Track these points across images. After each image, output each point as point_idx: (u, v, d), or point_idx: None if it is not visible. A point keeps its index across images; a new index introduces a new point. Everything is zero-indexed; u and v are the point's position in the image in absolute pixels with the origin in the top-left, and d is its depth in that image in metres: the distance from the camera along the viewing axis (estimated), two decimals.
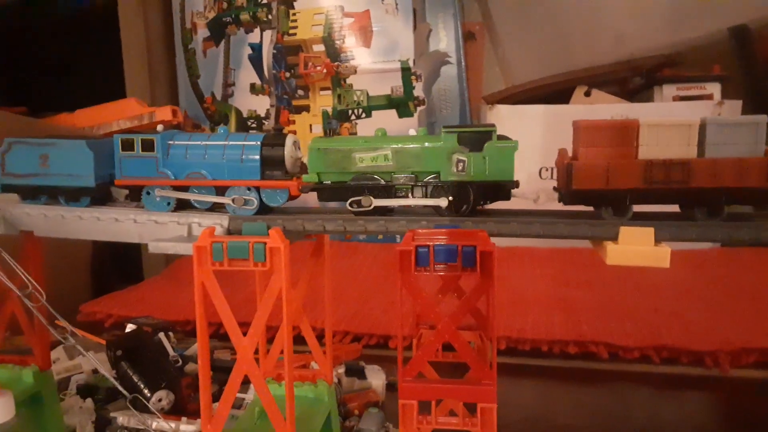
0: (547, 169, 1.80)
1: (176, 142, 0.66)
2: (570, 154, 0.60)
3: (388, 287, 1.52)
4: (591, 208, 0.59)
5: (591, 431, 0.91)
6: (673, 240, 0.51)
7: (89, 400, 0.86)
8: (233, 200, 0.62)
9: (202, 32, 1.98)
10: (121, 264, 1.89)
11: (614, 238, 0.52)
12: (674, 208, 0.58)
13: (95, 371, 1.03)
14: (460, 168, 0.59)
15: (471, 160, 0.59)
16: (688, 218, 0.56)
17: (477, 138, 0.59)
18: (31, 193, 0.69)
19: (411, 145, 0.60)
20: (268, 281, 0.56)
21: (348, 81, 1.89)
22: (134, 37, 2.00)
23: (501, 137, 0.60)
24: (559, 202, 0.60)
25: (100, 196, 0.69)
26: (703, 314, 1.27)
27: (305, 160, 0.65)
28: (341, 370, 1.00)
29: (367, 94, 1.89)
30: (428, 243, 0.50)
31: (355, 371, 1.01)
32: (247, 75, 1.96)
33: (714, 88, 1.87)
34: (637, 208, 0.57)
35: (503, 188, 0.59)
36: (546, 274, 1.57)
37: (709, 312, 1.28)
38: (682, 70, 1.94)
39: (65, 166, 0.67)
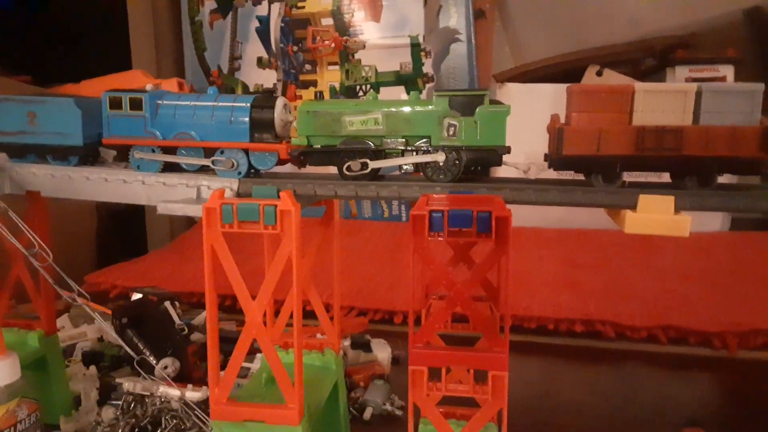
0: None
1: (165, 102, 0.65)
2: (563, 119, 0.58)
3: (392, 264, 1.51)
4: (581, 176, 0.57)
5: (597, 409, 0.90)
6: (694, 209, 0.50)
7: (93, 367, 0.86)
8: (221, 162, 0.61)
9: (209, 4, 1.95)
10: (125, 237, 1.89)
11: (632, 207, 0.51)
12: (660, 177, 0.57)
13: (100, 339, 1.02)
14: (451, 132, 0.58)
15: (462, 125, 0.58)
16: (679, 186, 0.55)
17: (469, 102, 0.58)
18: (18, 152, 0.68)
19: (401, 109, 0.59)
20: (277, 246, 0.55)
21: (356, 56, 1.87)
22: (140, 9, 1.98)
23: (493, 102, 0.58)
24: (549, 168, 0.58)
25: (89, 155, 0.68)
26: (710, 296, 1.26)
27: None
28: (347, 343, 1.00)
29: (376, 69, 1.86)
30: (442, 208, 0.49)
31: (361, 344, 1.00)
32: (254, 48, 1.94)
33: (727, 71, 1.84)
34: (628, 177, 0.56)
35: (495, 153, 0.58)
36: (552, 255, 1.56)
37: (717, 294, 1.27)
38: (696, 52, 1.91)
39: (53, 125, 0.67)
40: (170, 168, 0.63)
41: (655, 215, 0.49)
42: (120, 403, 0.75)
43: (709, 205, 0.50)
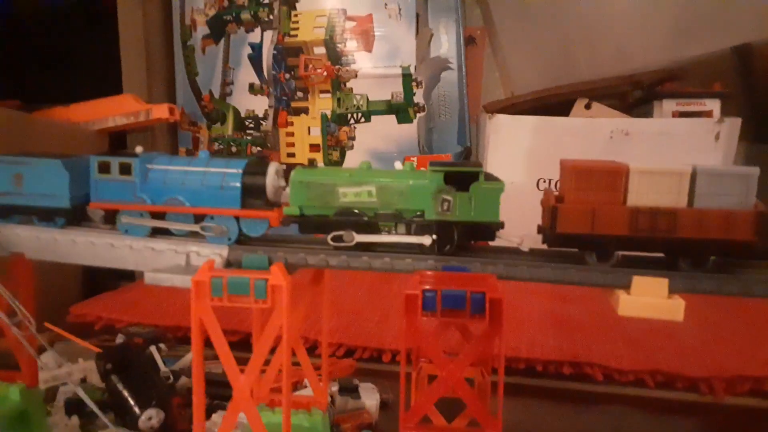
0: (544, 181, 1.78)
1: (155, 166, 0.64)
2: (556, 193, 0.59)
3: (380, 298, 1.51)
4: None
5: None
6: (687, 292, 0.50)
7: (75, 418, 0.84)
8: (211, 228, 0.61)
9: (202, 29, 1.95)
10: None
11: (626, 287, 0.51)
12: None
13: (84, 380, 1.00)
14: (445, 207, 0.58)
15: (456, 200, 0.58)
16: (673, 265, 0.55)
17: (464, 178, 0.58)
18: (3, 213, 0.67)
19: (396, 183, 0.59)
20: (266, 315, 0.54)
21: (348, 85, 1.87)
22: (132, 32, 1.97)
23: (488, 177, 0.59)
24: (543, 243, 0.59)
25: (76, 216, 0.67)
26: (698, 339, 1.27)
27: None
28: (335, 388, 0.98)
29: (367, 98, 1.87)
30: (435, 287, 0.49)
31: (349, 390, 0.99)
32: (246, 74, 1.93)
33: (714, 105, 1.86)
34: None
35: (488, 229, 0.58)
36: (538, 287, 1.56)
37: (705, 337, 1.28)
38: (683, 86, 1.93)
39: (40, 186, 0.65)
40: (158, 231, 0.63)
41: (649, 299, 0.49)
42: None
43: (703, 288, 0.51)
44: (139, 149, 0.64)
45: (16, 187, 0.65)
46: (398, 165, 0.60)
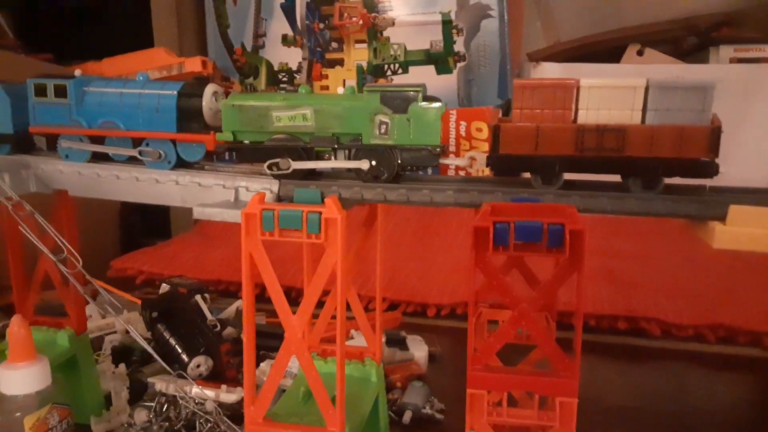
0: None
1: (91, 89, 0.62)
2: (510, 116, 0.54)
3: (423, 251, 1.47)
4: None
5: (644, 416, 0.86)
6: None
7: (122, 366, 0.83)
8: (148, 153, 0.59)
9: None
10: (149, 218, 1.86)
11: (721, 218, 0.46)
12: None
13: (127, 331, 1.00)
14: (382, 130, 0.54)
15: (394, 123, 0.54)
16: (625, 189, 0.51)
17: (402, 98, 0.54)
18: None
19: (331, 105, 0.55)
20: (317, 253, 0.51)
21: (385, 34, 1.80)
22: None
23: (429, 98, 0.54)
24: (487, 167, 0.55)
25: (21, 143, 0.65)
26: (759, 292, 1.20)
27: None
28: (382, 339, 0.96)
29: (405, 48, 1.79)
30: (508, 219, 0.44)
31: (396, 341, 0.97)
32: (279, 25, 1.87)
33: None
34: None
35: (429, 154, 0.54)
36: (589, 243, 1.50)
37: (766, 289, 1.21)
38: (742, 31, 1.81)
39: None
40: (99, 157, 0.61)
41: (748, 229, 0.44)
42: (153, 404, 0.73)
43: None
44: (77, 72, 0.62)
45: None
46: (340, 90, 0.56)
